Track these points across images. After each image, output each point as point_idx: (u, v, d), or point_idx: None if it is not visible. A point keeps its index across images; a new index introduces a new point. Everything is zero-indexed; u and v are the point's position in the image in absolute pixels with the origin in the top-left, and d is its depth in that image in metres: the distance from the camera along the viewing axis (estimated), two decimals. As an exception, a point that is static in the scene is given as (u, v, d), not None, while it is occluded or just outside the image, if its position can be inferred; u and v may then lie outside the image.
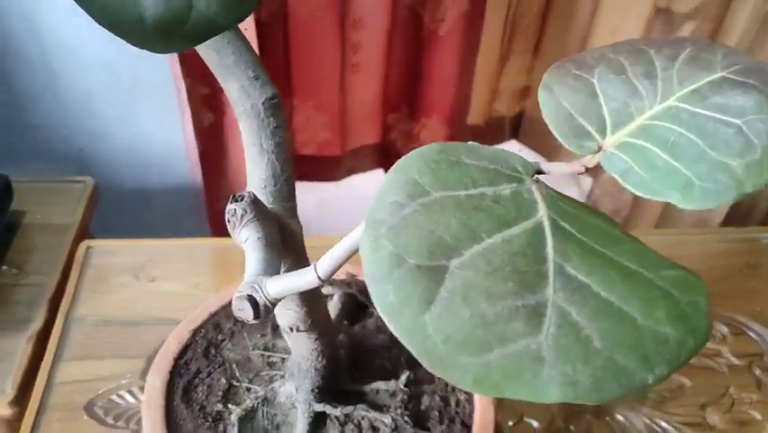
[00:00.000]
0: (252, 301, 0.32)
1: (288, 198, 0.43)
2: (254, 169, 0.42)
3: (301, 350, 0.52)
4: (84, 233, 0.87)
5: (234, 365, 0.59)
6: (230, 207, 0.37)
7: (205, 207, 1.11)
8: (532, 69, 1.17)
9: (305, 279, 0.32)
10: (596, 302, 0.23)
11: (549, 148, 1.22)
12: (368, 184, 1.24)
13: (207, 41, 0.42)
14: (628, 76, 0.28)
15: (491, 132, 1.23)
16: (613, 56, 0.27)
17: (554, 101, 0.27)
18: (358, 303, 0.65)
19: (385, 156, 1.22)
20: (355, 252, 0.32)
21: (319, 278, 0.32)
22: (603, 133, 0.26)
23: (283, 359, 0.60)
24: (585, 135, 0.26)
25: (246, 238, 0.36)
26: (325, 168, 1.18)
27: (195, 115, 0.97)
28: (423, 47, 1.05)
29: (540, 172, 0.27)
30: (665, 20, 1.00)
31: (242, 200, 0.37)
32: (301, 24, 1.00)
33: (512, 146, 1.28)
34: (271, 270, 0.34)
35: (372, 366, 0.60)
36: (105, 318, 0.73)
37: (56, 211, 0.87)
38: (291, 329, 0.47)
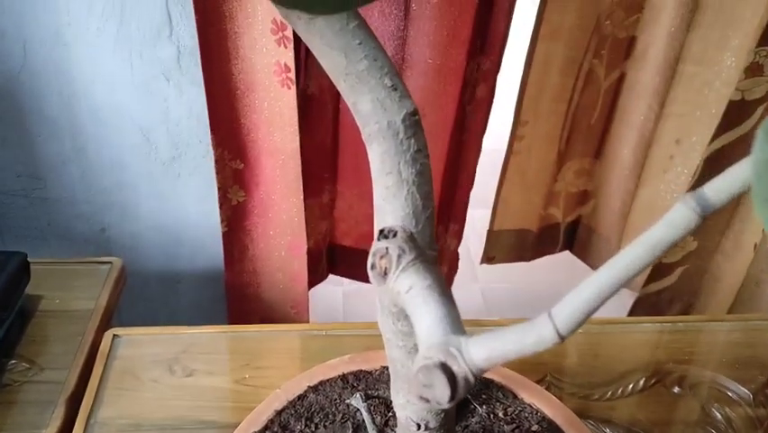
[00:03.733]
0: (448, 373, 0.21)
1: (430, 242, 0.32)
2: (389, 205, 0.32)
3: (415, 456, 0.40)
4: (108, 320, 0.76)
5: (311, 479, 0.47)
6: (378, 246, 0.26)
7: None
8: (591, 174, 1.09)
9: (534, 336, 0.21)
10: None
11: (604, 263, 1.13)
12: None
13: (335, 43, 0.33)
14: None
15: (543, 239, 1.14)
16: None
17: None
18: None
19: None
20: (610, 295, 0.21)
21: (559, 334, 0.21)
22: None
23: (371, 470, 0.48)
24: None
25: (409, 287, 0.25)
26: (362, 264, 1.06)
27: (222, 190, 0.89)
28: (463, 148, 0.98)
29: None
30: (738, 109, 0.96)
31: (394, 236, 0.27)
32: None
33: (565, 258, 1.18)
34: (458, 328, 0.23)
35: (486, 478, 0.48)
36: (134, 421, 0.63)
37: (77, 296, 0.78)
38: (419, 426, 0.35)
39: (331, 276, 1.12)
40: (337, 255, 1.08)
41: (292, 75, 0.78)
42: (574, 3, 0.91)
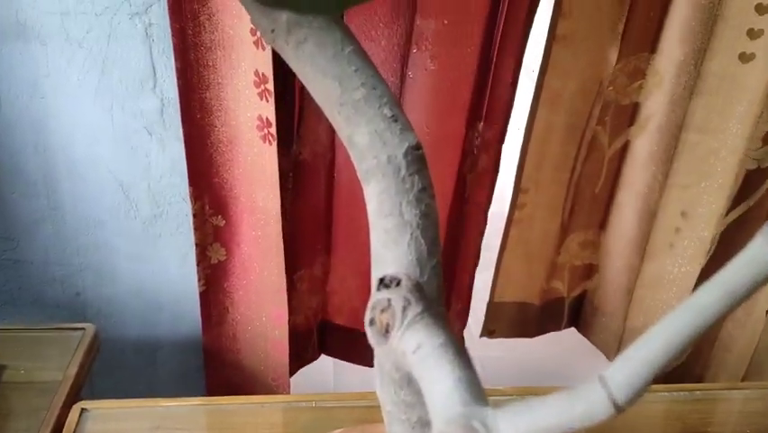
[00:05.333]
0: (472, 455, 0.16)
1: (438, 296, 0.28)
2: (389, 252, 0.27)
3: None
4: (77, 393, 0.71)
5: None
6: (379, 297, 0.22)
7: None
8: (597, 246, 1.05)
9: (582, 407, 0.16)
10: None
11: (609, 343, 1.07)
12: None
13: (329, 71, 0.29)
14: None
15: (547, 314, 1.08)
16: None
17: None
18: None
19: None
20: (678, 353, 0.16)
21: (615, 404, 0.16)
22: None
23: None
24: None
25: (417, 346, 0.20)
26: (357, 345, 1.01)
27: (200, 246, 0.84)
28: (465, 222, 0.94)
29: None
30: (755, 178, 0.93)
31: (397, 285, 0.22)
32: (350, 172, 0.88)
33: (570, 335, 1.13)
34: (480, 397, 0.19)
35: None
36: (100, 508, 0.56)
37: (44, 366, 0.72)
38: None
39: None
40: (328, 334, 1.02)
41: (273, 130, 0.74)
42: (575, 68, 0.87)
